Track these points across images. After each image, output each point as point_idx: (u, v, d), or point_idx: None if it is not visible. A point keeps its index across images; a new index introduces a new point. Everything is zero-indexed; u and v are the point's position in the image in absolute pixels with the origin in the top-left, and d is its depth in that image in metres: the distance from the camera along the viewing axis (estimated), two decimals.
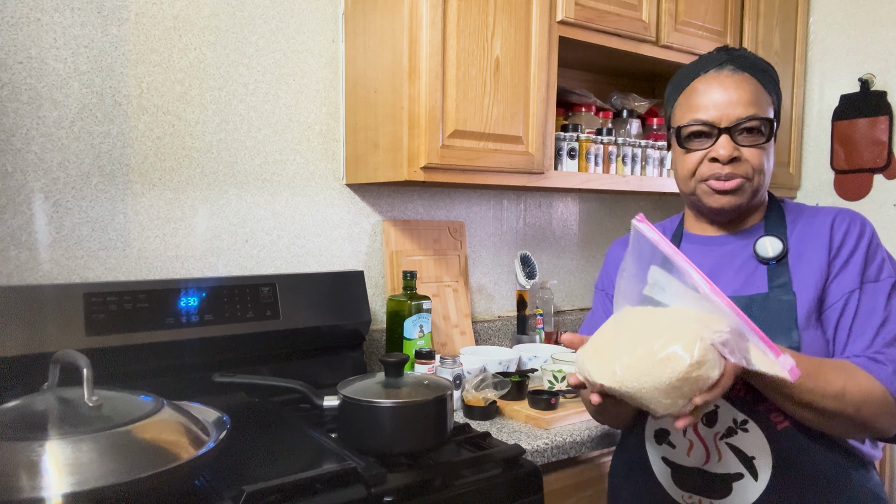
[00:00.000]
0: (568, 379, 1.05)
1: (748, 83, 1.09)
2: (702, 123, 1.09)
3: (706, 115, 1.08)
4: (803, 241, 1.10)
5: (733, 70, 1.10)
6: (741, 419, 1.04)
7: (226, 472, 1.08)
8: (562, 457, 1.40)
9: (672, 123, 1.17)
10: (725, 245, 1.16)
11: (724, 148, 1.07)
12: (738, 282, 1.11)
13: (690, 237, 1.22)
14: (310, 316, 1.62)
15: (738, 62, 1.11)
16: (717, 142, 1.08)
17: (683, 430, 1.08)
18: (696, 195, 1.14)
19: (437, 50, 1.53)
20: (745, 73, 1.10)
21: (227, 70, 1.63)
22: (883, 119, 2.28)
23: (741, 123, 1.07)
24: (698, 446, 1.08)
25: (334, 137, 1.80)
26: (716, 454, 1.06)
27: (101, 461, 0.85)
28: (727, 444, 1.05)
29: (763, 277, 1.10)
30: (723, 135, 1.07)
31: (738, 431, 1.04)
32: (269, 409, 1.45)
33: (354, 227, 1.85)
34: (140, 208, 1.53)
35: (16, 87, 1.38)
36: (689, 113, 1.11)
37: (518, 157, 1.69)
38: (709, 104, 1.09)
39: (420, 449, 1.22)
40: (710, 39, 2.09)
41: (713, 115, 1.08)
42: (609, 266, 1.32)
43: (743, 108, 1.07)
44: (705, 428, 1.07)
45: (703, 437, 1.08)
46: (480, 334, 2.08)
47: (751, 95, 1.08)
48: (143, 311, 1.40)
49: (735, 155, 1.07)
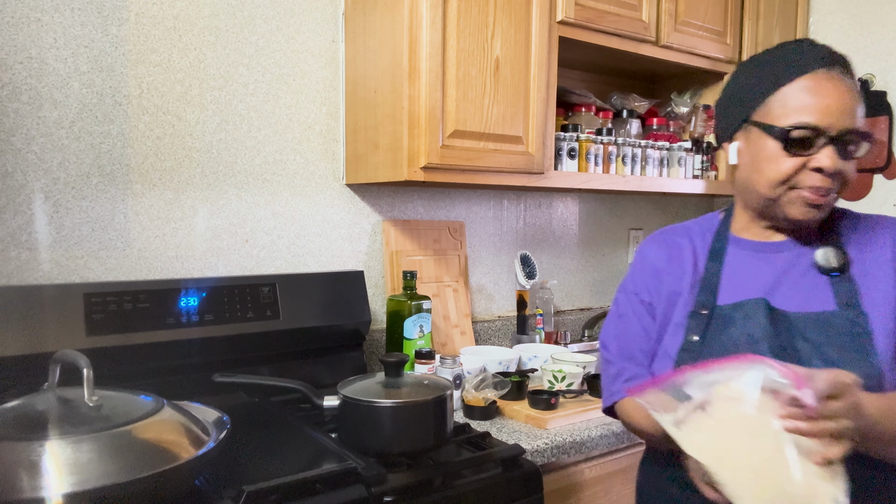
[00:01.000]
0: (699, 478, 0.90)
1: (854, 91, 0.98)
2: (812, 128, 0.95)
3: (818, 119, 0.95)
4: (864, 253, 1.02)
5: (842, 73, 0.98)
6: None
7: (226, 472, 1.08)
8: (562, 457, 1.40)
9: (759, 118, 1.01)
10: (781, 252, 1.06)
11: (830, 159, 0.95)
12: (800, 295, 1.02)
13: (740, 242, 1.10)
14: (310, 316, 1.62)
15: (845, 67, 0.99)
16: (821, 151, 0.96)
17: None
18: (779, 202, 1.01)
19: (437, 50, 1.53)
20: (851, 79, 0.98)
21: (227, 70, 1.63)
22: (883, 119, 2.28)
23: (846, 134, 0.96)
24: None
25: (334, 137, 1.80)
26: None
27: (101, 461, 0.85)
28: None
29: (827, 291, 1.01)
30: (829, 144, 0.96)
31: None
32: (269, 409, 1.45)
33: (354, 227, 1.85)
34: (140, 208, 1.53)
35: (16, 87, 1.38)
36: (797, 113, 0.97)
37: (518, 157, 1.69)
38: (822, 107, 0.95)
39: (420, 449, 1.22)
40: (710, 39, 2.09)
41: (825, 120, 0.95)
42: (645, 268, 1.16)
43: (851, 119, 0.96)
44: None
45: None
46: (480, 334, 2.08)
47: (856, 105, 0.97)
48: (143, 311, 1.40)
49: (839, 168, 0.96)
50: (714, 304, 1.05)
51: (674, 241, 1.15)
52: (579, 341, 2.28)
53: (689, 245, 1.13)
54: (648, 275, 1.15)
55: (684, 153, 2.16)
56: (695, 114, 2.23)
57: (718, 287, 1.07)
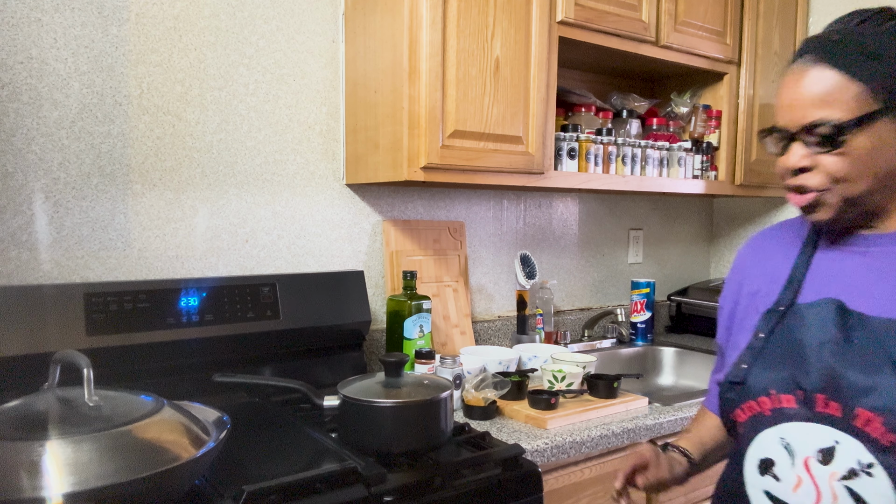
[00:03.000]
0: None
1: (823, 77, 0.88)
2: (775, 130, 0.94)
3: (779, 118, 0.93)
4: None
5: (810, 61, 0.90)
6: (867, 461, 0.84)
7: (226, 472, 1.08)
8: (561, 457, 1.40)
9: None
10: (875, 247, 0.94)
11: (792, 156, 0.91)
12: (888, 297, 0.90)
13: (825, 244, 1.00)
14: (310, 316, 1.62)
15: (818, 51, 0.90)
16: (788, 149, 0.93)
17: (792, 462, 0.90)
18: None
19: (437, 50, 1.54)
20: (825, 63, 0.88)
21: (228, 70, 1.63)
22: None
23: (808, 129, 0.89)
24: (808, 484, 0.89)
25: (334, 137, 1.80)
26: (829, 496, 0.87)
27: (101, 461, 0.85)
28: (846, 487, 0.86)
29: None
30: (793, 142, 0.91)
31: (862, 475, 0.85)
32: (269, 409, 1.45)
33: (354, 227, 1.85)
34: (140, 208, 1.54)
35: (16, 87, 1.38)
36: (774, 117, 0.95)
37: (518, 157, 1.69)
38: (783, 105, 0.93)
39: (420, 449, 1.22)
40: (709, 40, 2.10)
41: (784, 118, 0.92)
42: (731, 271, 1.13)
43: (811, 110, 0.88)
44: (820, 465, 0.88)
45: (814, 475, 0.88)
46: (480, 334, 2.08)
47: (823, 93, 0.88)
48: (144, 311, 1.40)
49: (804, 164, 0.90)
50: (793, 301, 0.97)
51: (761, 242, 1.11)
52: (579, 341, 2.28)
53: (780, 243, 1.07)
54: (731, 277, 1.13)
55: (684, 153, 2.16)
56: (695, 114, 2.23)
57: (802, 284, 0.98)
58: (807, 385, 0.89)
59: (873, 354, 0.86)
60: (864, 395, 0.84)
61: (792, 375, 0.90)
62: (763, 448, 0.93)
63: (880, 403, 0.82)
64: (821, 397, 0.87)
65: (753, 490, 0.95)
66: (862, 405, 0.84)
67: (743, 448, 0.97)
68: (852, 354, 0.87)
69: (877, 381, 0.84)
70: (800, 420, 0.89)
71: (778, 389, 0.92)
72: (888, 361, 0.84)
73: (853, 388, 0.85)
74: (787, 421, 0.90)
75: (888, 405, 0.82)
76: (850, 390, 0.85)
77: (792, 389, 0.90)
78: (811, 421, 0.88)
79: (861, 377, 0.85)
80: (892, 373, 0.83)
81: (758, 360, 0.95)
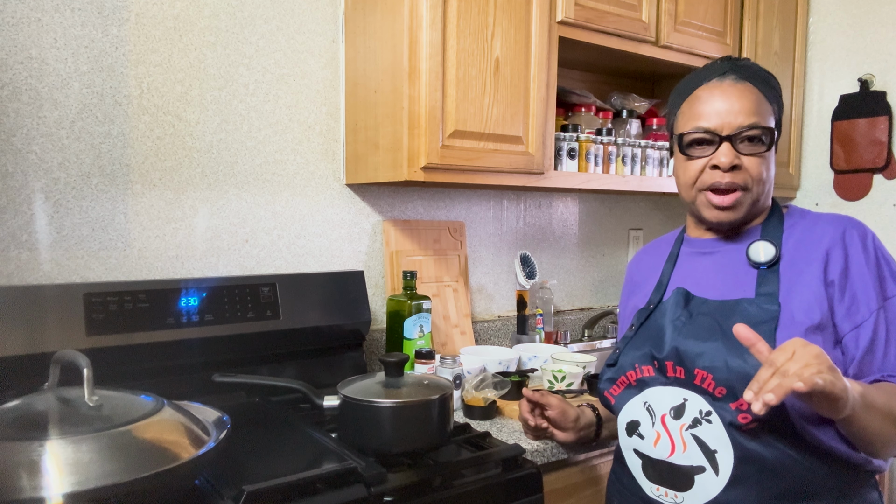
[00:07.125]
0: None
1: (750, 93, 1.10)
2: (704, 131, 1.10)
3: (708, 122, 1.10)
4: (798, 250, 1.09)
5: (736, 79, 1.11)
6: (706, 410, 1.03)
7: (226, 472, 1.08)
8: (561, 457, 1.40)
9: (675, 131, 1.18)
10: (720, 249, 1.17)
11: (725, 156, 1.08)
12: (726, 285, 1.12)
13: (690, 241, 1.24)
14: (310, 316, 1.62)
15: (740, 72, 1.12)
16: (718, 150, 1.09)
17: (652, 421, 1.09)
18: (696, 205, 1.15)
19: (437, 50, 1.54)
20: (748, 82, 1.11)
21: (228, 70, 1.63)
22: (882, 119, 2.28)
23: (742, 132, 1.08)
24: (664, 438, 1.08)
25: (334, 137, 1.80)
26: (681, 445, 1.06)
27: (101, 461, 0.85)
28: (692, 434, 1.05)
29: (753, 282, 1.09)
30: (724, 143, 1.09)
31: (703, 422, 1.03)
32: (269, 409, 1.45)
33: (354, 227, 1.85)
34: (140, 208, 1.54)
35: (16, 87, 1.38)
36: (692, 121, 1.12)
37: (518, 157, 1.69)
38: (711, 112, 1.10)
39: (420, 449, 1.22)
40: (709, 40, 2.10)
41: (715, 122, 1.09)
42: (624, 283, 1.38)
43: (744, 117, 1.08)
44: (673, 420, 1.07)
45: (669, 429, 1.07)
46: (480, 334, 2.08)
47: (752, 105, 1.09)
48: (144, 311, 1.40)
49: (736, 163, 1.08)
50: (661, 300, 1.19)
51: (642, 256, 1.35)
52: (579, 341, 2.28)
53: (654, 256, 1.30)
54: (623, 290, 1.37)
55: None
56: None
57: (667, 285, 1.20)
58: (660, 356, 1.09)
59: (708, 327, 1.06)
60: (699, 358, 1.04)
61: (650, 351, 1.11)
62: (631, 412, 1.14)
63: (710, 363, 1.02)
64: (670, 364, 1.08)
65: (627, 451, 1.15)
66: (698, 366, 1.04)
67: (618, 417, 1.17)
68: (692, 328, 1.08)
69: (708, 346, 1.03)
70: (657, 385, 1.10)
71: (640, 363, 1.12)
72: (719, 331, 1.04)
73: (691, 354, 1.05)
74: (648, 387, 1.11)
75: (716, 364, 1.02)
76: (689, 356, 1.05)
77: (650, 361, 1.11)
78: (666, 385, 1.09)
79: (697, 344, 1.05)
80: (720, 339, 1.03)
81: (628, 345, 1.17)
